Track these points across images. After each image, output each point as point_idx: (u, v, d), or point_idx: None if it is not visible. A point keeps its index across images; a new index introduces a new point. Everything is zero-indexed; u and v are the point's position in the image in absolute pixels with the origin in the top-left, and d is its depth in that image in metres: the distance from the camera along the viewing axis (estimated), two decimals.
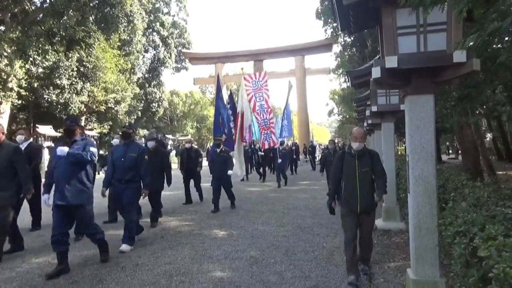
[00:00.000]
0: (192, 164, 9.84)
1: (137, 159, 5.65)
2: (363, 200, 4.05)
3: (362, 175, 4.07)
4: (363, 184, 4.07)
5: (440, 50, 3.26)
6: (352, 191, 4.09)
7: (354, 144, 4.08)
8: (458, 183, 4.56)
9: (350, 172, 4.13)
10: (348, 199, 4.15)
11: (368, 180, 4.10)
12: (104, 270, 4.67)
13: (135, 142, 5.99)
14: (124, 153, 5.70)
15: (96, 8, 25.25)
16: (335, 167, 4.31)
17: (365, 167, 4.08)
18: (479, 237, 2.17)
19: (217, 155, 8.91)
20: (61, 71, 22.30)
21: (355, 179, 4.07)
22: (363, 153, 4.12)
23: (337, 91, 38.71)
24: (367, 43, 15.89)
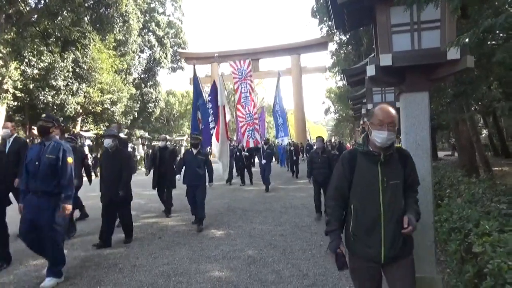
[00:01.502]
0: (166, 167, 8.22)
1: (56, 163, 4.25)
2: (391, 238, 2.23)
3: (390, 191, 2.25)
4: (392, 207, 2.24)
5: (434, 48, 3.29)
6: (371, 222, 2.27)
7: (378, 135, 2.22)
8: (454, 179, 4.58)
9: (368, 187, 2.29)
10: (362, 239, 2.32)
11: (398, 199, 2.28)
12: (102, 272, 4.66)
13: (56, 140, 4.49)
14: (38, 155, 4.28)
15: (91, 8, 25.12)
16: (338, 177, 2.42)
17: (394, 178, 2.28)
18: (474, 233, 2.18)
19: (192, 158, 7.10)
20: (56, 72, 22.19)
21: (377, 200, 2.25)
22: (391, 152, 2.30)
23: (333, 90, 38.87)
24: (362, 41, 15.94)
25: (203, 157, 7.19)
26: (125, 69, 30.99)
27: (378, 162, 2.29)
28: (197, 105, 10.57)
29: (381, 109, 2.27)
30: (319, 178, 7.47)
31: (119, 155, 5.98)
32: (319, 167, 7.43)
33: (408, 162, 2.37)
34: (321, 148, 7.67)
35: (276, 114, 17.23)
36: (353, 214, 2.34)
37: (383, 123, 2.21)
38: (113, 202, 5.84)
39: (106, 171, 6.01)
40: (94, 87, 24.63)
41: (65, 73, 22.74)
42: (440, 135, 32.78)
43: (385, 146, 2.25)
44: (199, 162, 7.07)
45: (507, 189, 3.36)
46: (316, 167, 7.53)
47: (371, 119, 2.31)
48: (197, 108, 10.51)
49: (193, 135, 8.13)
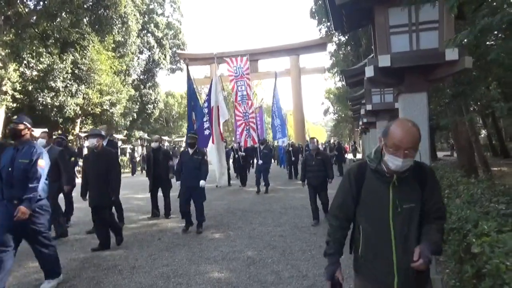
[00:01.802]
0: (160, 169, 8.05)
1: (31, 168, 3.99)
2: (404, 270, 1.89)
3: (404, 217, 1.91)
4: (405, 235, 1.91)
5: (432, 48, 3.30)
6: (382, 249, 1.95)
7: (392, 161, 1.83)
8: (453, 180, 4.59)
9: (377, 210, 1.96)
10: (373, 264, 2.02)
11: (414, 226, 1.91)
12: (101, 273, 4.66)
13: (30, 143, 4.22)
14: (12, 160, 4.03)
15: (90, 10, 25.15)
16: (343, 194, 2.11)
17: (410, 201, 1.92)
18: (473, 233, 2.19)
19: (189, 158, 6.81)
20: (55, 74, 22.20)
21: (388, 226, 1.92)
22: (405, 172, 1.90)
23: (332, 90, 38.93)
24: (361, 41, 15.97)
25: (199, 156, 6.83)
26: (124, 70, 30.99)
27: (390, 182, 1.91)
28: (191, 105, 10.21)
29: (399, 130, 1.79)
30: (313, 182, 7.09)
31: (106, 155, 5.62)
32: (313, 170, 7.06)
33: (428, 182, 1.93)
34: (315, 150, 7.24)
35: (273, 115, 16.94)
36: (363, 237, 2.03)
37: (399, 148, 1.76)
38: (100, 205, 5.57)
39: (92, 173, 5.61)
40: (93, 88, 24.63)
41: (64, 74, 22.75)
42: (439, 136, 32.83)
43: (401, 170, 1.84)
44: (196, 163, 6.72)
45: (505, 190, 3.37)
46: (310, 170, 7.11)
47: (386, 139, 1.85)
48: (192, 108, 10.16)
49: (189, 134, 7.57)
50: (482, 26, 1.85)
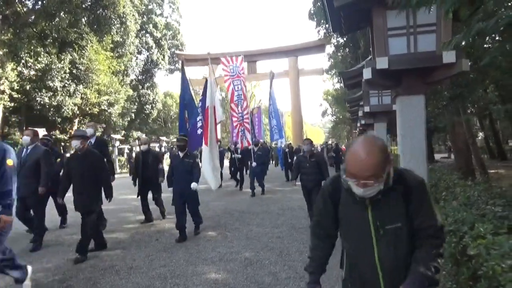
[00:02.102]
0: (150, 172, 7.66)
1: None
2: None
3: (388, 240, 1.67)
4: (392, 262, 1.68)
5: (430, 51, 3.32)
6: (367, 276, 1.76)
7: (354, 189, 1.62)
8: (450, 182, 4.60)
9: (357, 233, 1.76)
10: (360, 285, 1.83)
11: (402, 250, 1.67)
12: (98, 274, 4.65)
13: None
14: None
15: (88, 9, 25.12)
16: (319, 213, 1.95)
17: (393, 220, 1.67)
18: (469, 235, 2.20)
19: (179, 162, 6.43)
20: (53, 73, 22.16)
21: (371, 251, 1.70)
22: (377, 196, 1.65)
23: (330, 92, 38.99)
24: (360, 43, 16.00)
25: (190, 160, 6.45)
26: (122, 71, 30.95)
27: (364, 205, 1.68)
28: (184, 103, 9.82)
29: (352, 159, 1.54)
30: (308, 185, 6.83)
31: (91, 157, 5.29)
32: (307, 173, 6.76)
33: (414, 195, 1.63)
34: (309, 152, 6.85)
35: (270, 116, 16.71)
36: (346, 260, 1.87)
37: (356, 177, 1.53)
38: (87, 209, 5.28)
39: (76, 176, 5.27)
40: (91, 88, 24.60)
41: (62, 74, 22.72)
42: (437, 138, 32.93)
43: (365, 195, 1.59)
44: (188, 166, 6.36)
45: (502, 192, 3.38)
46: (304, 172, 6.83)
47: (344, 165, 1.61)
48: (184, 106, 9.76)
49: (179, 136, 7.18)
50: (477, 30, 1.87)
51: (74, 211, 5.63)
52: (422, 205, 1.65)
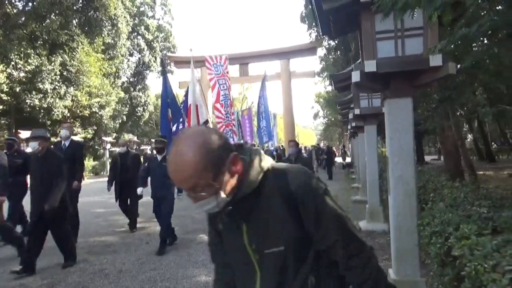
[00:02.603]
0: (129, 176, 7.10)
1: None
2: None
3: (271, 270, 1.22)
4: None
5: (417, 55, 3.35)
6: None
7: None
8: (438, 183, 4.66)
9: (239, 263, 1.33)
10: None
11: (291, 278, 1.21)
12: (87, 278, 4.62)
13: None
14: None
15: (79, 11, 24.99)
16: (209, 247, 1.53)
17: (272, 244, 1.20)
18: (454, 236, 2.23)
19: (157, 165, 5.94)
20: (43, 75, 21.96)
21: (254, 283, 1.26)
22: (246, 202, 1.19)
23: (322, 94, 39.18)
24: (351, 46, 16.13)
25: None
26: (114, 73, 30.80)
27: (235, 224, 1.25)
28: (167, 101, 9.34)
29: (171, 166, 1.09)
30: None
31: (50, 159, 4.93)
32: None
33: (300, 204, 1.17)
34: (294, 155, 6.28)
35: (260, 116, 16.23)
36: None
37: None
38: (44, 218, 4.75)
39: (35, 180, 4.94)
40: (82, 90, 24.43)
41: (53, 76, 22.53)
42: (427, 140, 33.24)
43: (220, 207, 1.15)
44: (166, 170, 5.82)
45: (488, 193, 3.43)
46: None
47: None
48: (167, 105, 9.26)
49: (157, 137, 6.63)
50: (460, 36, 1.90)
51: None
52: (318, 218, 1.18)
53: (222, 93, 12.23)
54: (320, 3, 3.50)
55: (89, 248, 6.01)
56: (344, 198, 10.77)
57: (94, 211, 9.68)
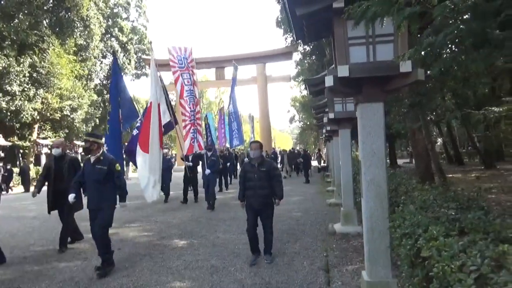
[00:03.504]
0: (65, 184, 5.85)
1: None
2: None
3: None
4: None
5: (388, 60, 3.44)
6: None
7: None
8: (409, 186, 4.78)
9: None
10: None
11: None
12: (56, 286, 4.46)
13: None
14: None
15: (50, 11, 24.32)
16: None
17: None
18: (423, 238, 2.29)
19: (90, 169, 5.02)
20: (11, 77, 21.16)
21: None
22: None
23: (298, 98, 39.58)
24: (325, 51, 16.40)
25: (104, 166, 4.96)
26: (86, 75, 30.07)
27: None
28: (118, 100, 8.12)
29: None
30: (255, 203, 5.17)
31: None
32: (254, 187, 5.15)
33: None
34: (258, 159, 5.25)
35: (230, 117, 15.45)
36: None
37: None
38: None
39: None
40: (52, 93, 23.68)
41: (21, 78, 21.74)
42: (399, 144, 34.12)
43: None
44: (99, 175, 4.94)
45: (455, 195, 3.55)
46: (250, 186, 5.19)
47: None
48: (118, 105, 8.06)
49: (86, 135, 5.45)
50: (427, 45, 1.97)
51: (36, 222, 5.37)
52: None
53: (186, 88, 11.28)
54: (294, 9, 3.55)
55: (59, 256, 5.81)
56: (320, 201, 10.89)
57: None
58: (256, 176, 5.14)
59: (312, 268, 4.83)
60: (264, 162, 5.25)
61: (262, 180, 5.12)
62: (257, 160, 5.25)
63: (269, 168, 5.20)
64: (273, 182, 5.17)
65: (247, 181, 5.24)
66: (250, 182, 5.20)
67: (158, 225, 8.04)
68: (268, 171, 5.17)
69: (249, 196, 5.23)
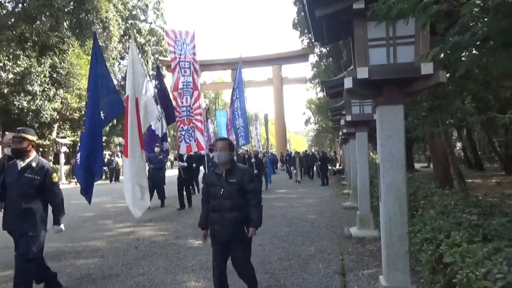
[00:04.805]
0: None
1: None
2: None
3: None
4: None
5: (408, 62, 3.38)
6: None
7: None
8: (428, 191, 4.69)
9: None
10: None
11: None
12: (74, 283, 4.53)
13: None
14: None
15: (70, 13, 24.84)
16: None
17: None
18: (445, 243, 2.24)
19: (15, 177, 3.78)
20: (32, 77, 21.68)
21: None
22: None
23: (313, 101, 39.37)
24: (342, 53, 16.27)
25: (37, 176, 3.80)
26: None
27: None
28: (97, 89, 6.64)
29: None
30: (221, 232, 3.50)
31: None
32: (220, 207, 3.49)
33: None
34: (226, 164, 3.57)
35: (235, 113, 13.64)
36: None
37: None
38: None
39: None
40: (72, 93, 24.15)
41: (42, 78, 22.27)
42: (417, 147, 33.57)
43: None
44: (29, 186, 3.76)
45: (477, 201, 3.46)
46: (215, 207, 3.53)
47: None
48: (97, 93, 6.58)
49: (17, 133, 3.89)
50: (453, 44, 1.92)
51: None
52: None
53: (183, 79, 9.66)
54: (313, 10, 3.52)
55: (76, 253, 5.91)
56: (335, 204, 10.80)
57: (82, 215, 9.53)
58: (223, 191, 3.45)
59: (328, 271, 4.78)
60: (235, 170, 3.54)
61: (232, 198, 3.44)
62: (224, 167, 3.55)
63: (241, 179, 3.49)
64: (250, 198, 3.50)
65: (212, 197, 3.55)
66: (214, 200, 3.52)
67: (173, 224, 8.10)
68: (240, 184, 3.48)
69: (213, 222, 3.53)
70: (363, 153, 7.34)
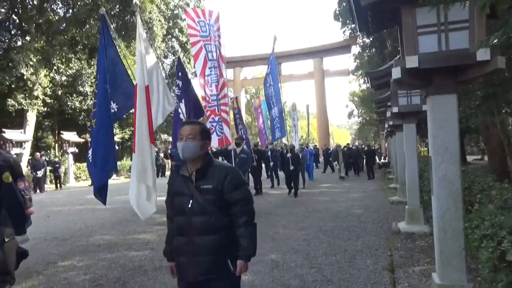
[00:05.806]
0: None
1: None
2: None
3: None
4: None
5: (462, 49, 3.19)
6: None
7: None
8: (485, 184, 4.42)
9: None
10: None
11: None
12: (127, 274, 4.74)
13: None
14: None
15: (116, 16, 25.85)
16: None
17: None
18: (508, 240, 2.10)
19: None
20: (83, 79, 22.90)
21: None
22: None
23: (356, 93, 38.45)
24: (386, 43, 15.71)
25: None
26: None
27: None
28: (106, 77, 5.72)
29: None
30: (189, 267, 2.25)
31: None
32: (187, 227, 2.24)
33: None
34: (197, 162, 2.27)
35: (270, 102, 12.43)
36: None
37: None
38: None
39: None
40: None
41: (92, 79, 23.44)
42: (469, 139, 31.81)
43: None
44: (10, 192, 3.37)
45: None
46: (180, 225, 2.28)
47: None
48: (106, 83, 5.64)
49: None
50: None
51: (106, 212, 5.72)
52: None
53: (210, 64, 8.35)
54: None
55: (128, 245, 6.18)
56: (381, 199, 10.50)
57: (131, 209, 9.93)
58: (192, 203, 2.23)
59: (376, 267, 4.66)
60: (210, 171, 2.27)
61: (206, 214, 2.22)
62: (194, 165, 2.28)
63: (220, 185, 2.23)
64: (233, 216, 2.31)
65: (176, 214, 2.33)
66: (180, 216, 2.29)
67: None
68: (218, 191, 2.23)
69: (178, 251, 2.32)
70: (412, 146, 7.06)
